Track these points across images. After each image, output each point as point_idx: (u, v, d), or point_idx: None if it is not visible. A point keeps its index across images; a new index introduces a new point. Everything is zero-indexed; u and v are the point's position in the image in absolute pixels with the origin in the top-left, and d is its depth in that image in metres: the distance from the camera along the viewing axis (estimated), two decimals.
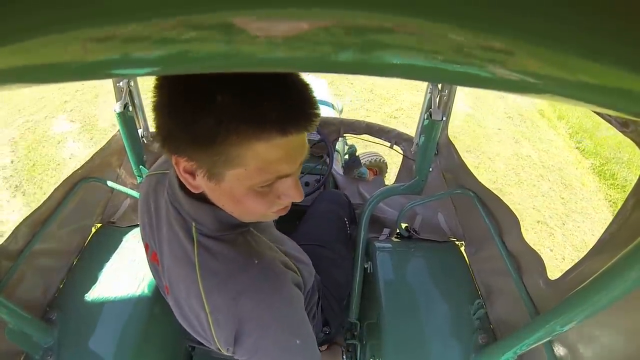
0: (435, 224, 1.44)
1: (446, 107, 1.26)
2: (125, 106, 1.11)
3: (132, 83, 1.15)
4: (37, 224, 1.00)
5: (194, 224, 0.60)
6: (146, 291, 1.06)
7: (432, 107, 1.11)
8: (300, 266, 0.72)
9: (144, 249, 1.16)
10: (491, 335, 0.98)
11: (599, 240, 0.67)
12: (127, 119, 1.13)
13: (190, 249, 0.59)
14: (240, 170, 0.47)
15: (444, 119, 1.18)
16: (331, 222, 1.26)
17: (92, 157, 1.20)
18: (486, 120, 3.34)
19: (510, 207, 1.02)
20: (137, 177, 1.30)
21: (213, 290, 0.58)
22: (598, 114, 0.57)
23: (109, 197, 1.36)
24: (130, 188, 1.31)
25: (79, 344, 0.94)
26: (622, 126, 0.60)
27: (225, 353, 0.62)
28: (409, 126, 3.11)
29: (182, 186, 0.58)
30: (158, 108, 0.48)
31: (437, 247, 1.30)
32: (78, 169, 1.14)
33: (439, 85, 1.18)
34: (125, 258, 1.14)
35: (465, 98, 3.49)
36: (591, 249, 0.68)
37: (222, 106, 0.42)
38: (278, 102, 0.44)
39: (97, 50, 0.18)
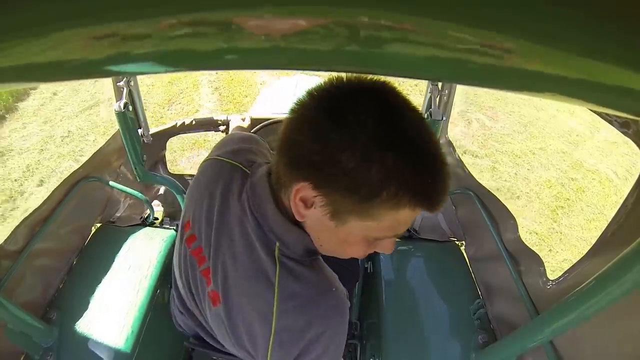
0: (436, 223, 1.44)
1: (446, 107, 1.26)
2: (125, 106, 1.11)
3: (132, 83, 1.15)
4: (37, 224, 1.00)
5: (278, 244, 0.57)
6: (146, 291, 1.06)
7: (432, 107, 1.11)
8: None
9: (144, 249, 1.17)
10: (491, 335, 0.98)
11: (598, 240, 0.67)
12: (127, 118, 1.13)
13: (271, 269, 0.57)
14: (373, 223, 0.48)
15: (444, 118, 1.18)
16: None
17: (91, 156, 1.20)
18: (625, 189, 3.31)
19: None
20: (137, 177, 1.30)
21: (288, 312, 0.57)
22: (598, 113, 0.56)
23: (108, 197, 1.36)
24: (130, 188, 1.31)
25: (79, 343, 0.94)
26: (623, 127, 0.60)
27: None
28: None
29: (276, 202, 0.56)
30: (310, 129, 0.46)
31: (438, 247, 1.30)
32: (78, 169, 1.14)
33: (439, 85, 1.18)
34: (126, 258, 1.14)
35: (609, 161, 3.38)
36: (590, 249, 0.68)
37: (393, 168, 0.43)
38: (436, 180, 0.46)
39: (99, 48, 0.18)
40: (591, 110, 0.52)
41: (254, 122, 1.45)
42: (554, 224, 2.60)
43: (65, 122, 3.16)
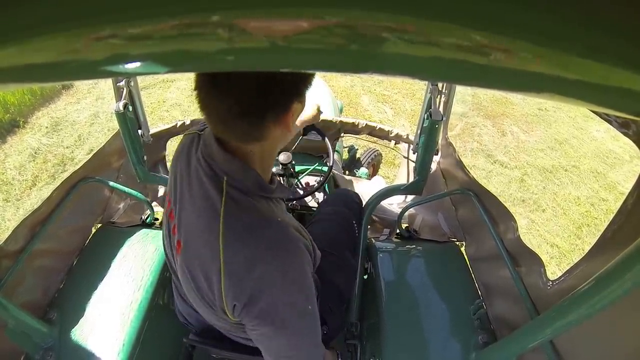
0: (436, 224, 1.44)
1: (446, 108, 1.26)
2: (125, 106, 1.11)
3: (132, 83, 1.15)
4: (37, 224, 1.00)
5: (225, 177, 0.63)
6: (146, 291, 1.06)
7: (432, 107, 1.11)
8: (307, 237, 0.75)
9: (144, 249, 1.17)
10: (491, 335, 0.98)
11: (598, 240, 0.67)
12: (128, 118, 1.13)
13: (217, 199, 0.62)
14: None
15: (444, 119, 1.18)
16: (338, 226, 1.22)
17: (91, 157, 1.20)
18: None
19: None
20: (138, 177, 1.30)
21: (234, 239, 0.61)
22: (597, 113, 0.57)
23: (108, 197, 1.36)
24: (130, 188, 1.31)
25: (79, 344, 0.94)
26: (622, 127, 0.60)
27: (230, 315, 0.63)
28: None
29: (219, 143, 0.63)
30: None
31: (437, 247, 1.30)
32: (78, 169, 1.14)
33: (439, 86, 1.18)
34: (126, 258, 1.14)
35: None
36: (591, 249, 0.68)
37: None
38: None
39: (99, 48, 0.18)
40: (590, 110, 0.52)
41: None
42: (578, 240, 2.59)
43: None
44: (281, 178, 1.38)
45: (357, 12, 0.16)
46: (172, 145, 2.88)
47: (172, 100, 3.54)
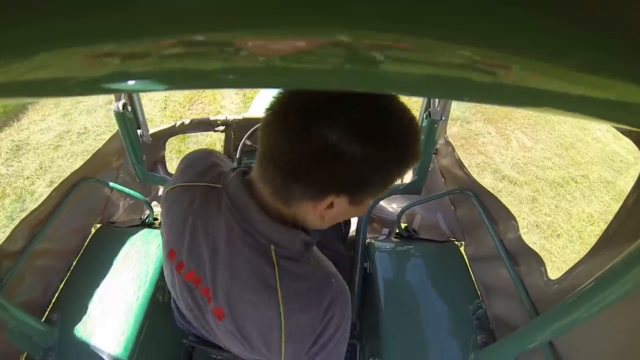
0: (435, 223, 1.45)
1: (445, 107, 1.26)
2: (124, 106, 1.11)
3: None
4: (36, 225, 1.00)
5: (273, 246, 0.59)
6: (146, 291, 1.06)
7: (431, 107, 1.11)
8: None
9: (144, 249, 1.17)
10: (490, 336, 0.98)
11: (598, 241, 0.67)
12: (127, 119, 1.13)
13: (269, 273, 0.58)
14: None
15: (443, 118, 1.18)
16: None
17: (91, 157, 1.20)
18: None
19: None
20: (137, 177, 1.30)
21: (295, 312, 0.59)
22: None
23: (108, 198, 1.36)
24: (130, 188, 1.31)
25: (79, 344, 0.94)
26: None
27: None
28: None
29: (262, 207, 0.58)
30: (346, 159, 0.47)
31: (437, 247, 1.30)
32: (77, 170, 1.14)
33: None
34: (125, 258, 1.14)
35: None
36: (591, 249, 0.68)
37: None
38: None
39: (99, 66, 0.18)
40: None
41: (251, 122, 1.45)
42: None
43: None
44: None
45: (355, 31, 0.16)
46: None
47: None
